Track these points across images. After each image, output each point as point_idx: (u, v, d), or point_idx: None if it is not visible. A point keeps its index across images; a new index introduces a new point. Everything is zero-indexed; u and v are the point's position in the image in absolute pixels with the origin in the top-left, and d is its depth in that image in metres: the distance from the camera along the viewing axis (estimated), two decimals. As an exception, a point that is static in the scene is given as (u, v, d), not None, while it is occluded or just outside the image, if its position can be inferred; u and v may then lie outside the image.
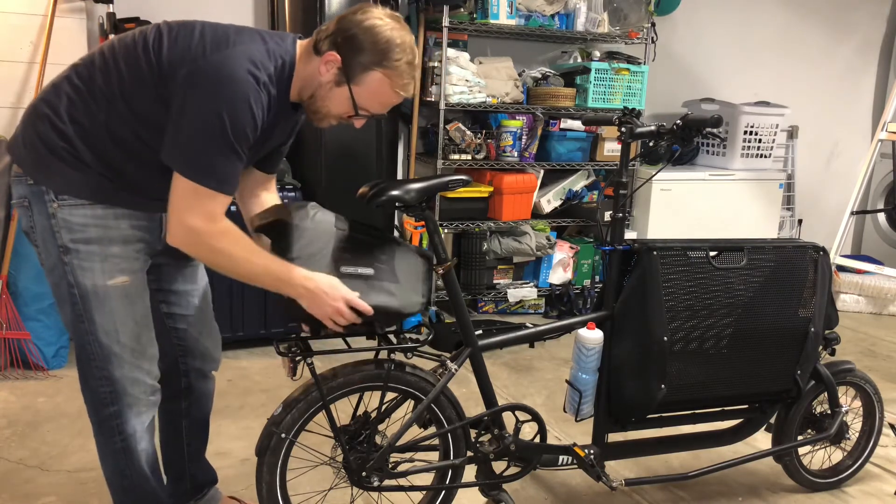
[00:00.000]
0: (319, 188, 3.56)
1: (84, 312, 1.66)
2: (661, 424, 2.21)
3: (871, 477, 2.61)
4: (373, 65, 1.62)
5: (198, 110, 1.52)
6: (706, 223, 4.56)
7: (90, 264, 1.64)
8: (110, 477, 1.82)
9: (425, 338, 1.86)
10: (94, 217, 1.63)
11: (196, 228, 1.56)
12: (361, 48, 1.61)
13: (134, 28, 3.45)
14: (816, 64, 5.46)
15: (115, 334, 1.68)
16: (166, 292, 1.88)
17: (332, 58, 1.62)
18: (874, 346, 4.15)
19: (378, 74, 1.63)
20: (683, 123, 2.00)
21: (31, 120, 1.63)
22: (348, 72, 1.63)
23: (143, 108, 1.59)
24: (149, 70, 1.58)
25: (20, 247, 3.17)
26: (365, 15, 1.63)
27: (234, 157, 1.56)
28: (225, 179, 1.57)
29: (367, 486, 1.88)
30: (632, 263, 2.09)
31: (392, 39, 1.63)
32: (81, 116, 1.60)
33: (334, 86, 1.65)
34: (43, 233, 1.64)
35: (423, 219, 1.87)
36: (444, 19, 3.78)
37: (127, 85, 1.59)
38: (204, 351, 1.97)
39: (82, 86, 1.61)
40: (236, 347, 3.51)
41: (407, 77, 1.67)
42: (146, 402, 1.76)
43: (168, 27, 1.63)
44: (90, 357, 1.69)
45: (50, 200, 1.61)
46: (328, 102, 1.68)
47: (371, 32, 1.61)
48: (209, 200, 1.56)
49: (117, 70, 1.60)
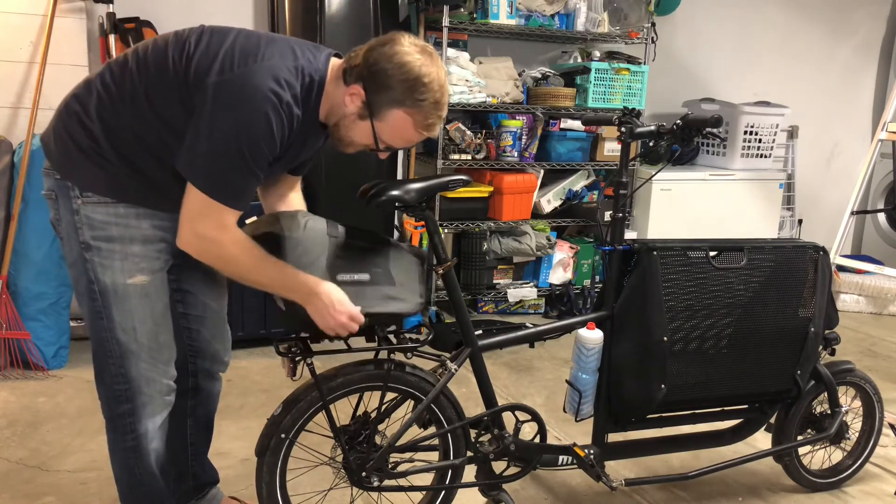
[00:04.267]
0: (320, 188, 3.56)
1: (103, 309, 1.67)
2: (661, 424, 2.21)
3: (871, 477, 2.61)
4: (396, 103, 1.60)
5: (217, 125, 1.52)
6: (706, 223, 4.56)
7: (110, 262, 1.64)
8: (119, 474, 1.82)
9: (425, 338, 1.86)
10: (116, 215, 1.64)
11: (207, 237, 1.57)
12: (387, 84, 1.58)
13: (134, 27, 3.47)
14: (816, 64, 5.46)
15: (133, 332, 1.69)
16: (184, 293, 1.88)
17: (356, 91, 1.61)
18: (874, 346, 4.15)
19: (401, 113, 1.61)
20: (683, 123, 2.00)
21: (63, 116, 1.64)
22: (372, 107, 1.61)
23: (167, 112, 1.59)
24: (175, 75, 1.57)
25: (20, 247, 3.17)
26: (394, 48, 1.58)
27: (249, 175, 1.56)
28: (239, 196, 1.57)
29: (367, 487, 1.88)
30: (632, 263, 2.09)
31: (420, 77, 1.58)
32: (109, 115, 1.60)
33: (357, 118, 1.64)
34: (67, 227, 1.65)
35: (423, 219, 1.87)
36: (444, 19, 3.77)
37: (154, 87, 1.59)
38: (214, 353, 1.98)
39: (112, 85, 1.61)
40: (236, 347, 3.46)
41: (432, 117, 1.64)
42: (160, 401, 1.77)
43: (202, 33, 1.63)
44: (107, 354, 1.70)
45: (75, 196, 1.62)
46: (351, 133, 1.67)
47: (399, 68, 1.57)
48: (221, 213, 1.56)
49: (147, 71, 1.60)
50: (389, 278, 1.77)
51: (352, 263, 1.73)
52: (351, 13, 3.53)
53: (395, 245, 1.82)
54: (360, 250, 1.76)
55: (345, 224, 1.78)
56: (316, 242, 1.70)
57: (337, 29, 3.49)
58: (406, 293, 1.79)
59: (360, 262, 1.75)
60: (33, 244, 3.18)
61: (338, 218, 1.78)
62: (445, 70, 1.67)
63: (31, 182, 3.17)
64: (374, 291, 1.75)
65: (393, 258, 1.79)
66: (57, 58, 3.31)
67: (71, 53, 3.37)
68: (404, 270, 1.80)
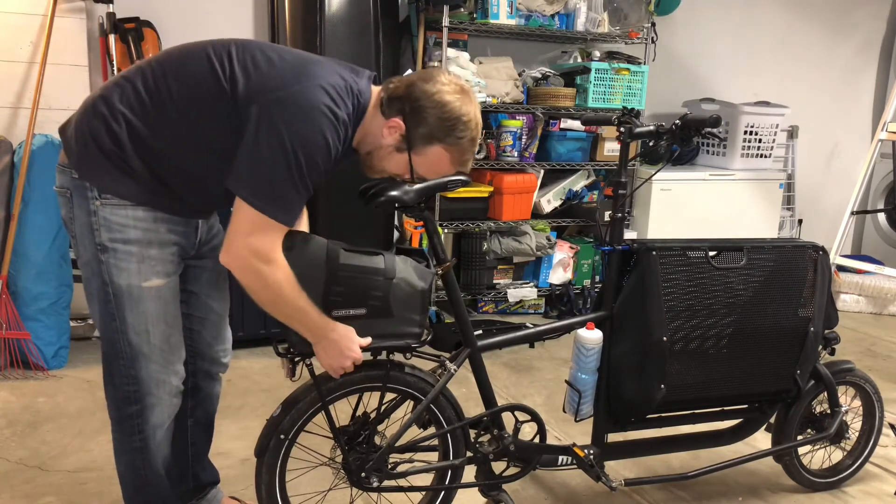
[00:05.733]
0: (319, 188, 3.55)
1: (116, 311, 1.66)
2: (661, 424, 2.21)
3: (871, 477, 2.61)
4: (436, 139, 1.64)
5: (274, 142, 1.52)
6: (706, 223, 4.56)
7: (127, 265, 1.64)
8: (124, 474, 1.82)
9: (425, 338, 1.86)
10: (135, 219, 1.63)
11: (260, 253, 1.56)
12: (427, 121, 1.63)
13: (134, 27, 3.46)
14: (816, 64, 5.46)
15: (147, 335, 1.69)
16: (188, 293, 1.88)
17: (396, 124, 1.64)
18: (874, 346, 4.15)
19: (440, 149, 1.66)
20: (683, 123, 2.00)
21: (87, 116, 1.62)
22: (411, 140, 1.64)
23: (209, 130, 1.59)
24: (220, 94, 1.57)
25: (20, 247, 3.17)
26: (435, 87, 1.63)
27: (303, 191, 1.57)
28: (292, 211, 1.58)
29: (367, 487, 1.88)
30: (631, 263, 2.09)
31: (460, 117, 1.63)
32: (139, 123, 1.59)
33: (394, 150, 1.67)
34: (82, 227, 1.64)
35: (422, 219, 1.87)
36: (444, 19, 3.77)
37: (194, 106, 1.59)
38: (214, 355, 1.98)
39: (145, 94, 1.60)
40: (236, 347, 3.46)
41: (468, 154, 1.69)
42: (169, 402, 1.78)
43: (243, 50, 1.61)
44: (118, 355, 1.70)
45: (93, 197, 1.61)
46: (385, 163, 1.70)
47: (440, 107, 1.62)
48: (273, 229, 1.56)
49: (185, 88, 1.59)
50: (387, 310, 1.75)
51: (348, 298, 1.71)
52: (351, 13, 3.53)
53: (401, 268, 1.77)
54: (357, 283, 1.71)
55: (349, 239, 1.75)
56: (312, 278, 1.66)
57: (337, 29, 3.49)
58: (402, 326, 1.78)
59: (356, 295, 1.72)
60: (33, 244, 3.18)
61: (337, 219, 1.77)
62: (478, 106, 1.71)
63: (31, 182, 3.17)
64: (368, 325, 1.74)
65: (394, 287, 1.74)
66: (57, 58, 3.32)
67: (71, 53, 3.37)
68: (404, 301, 1.76)
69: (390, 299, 1.74)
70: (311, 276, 1.66)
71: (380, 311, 1.74)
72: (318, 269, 1.67)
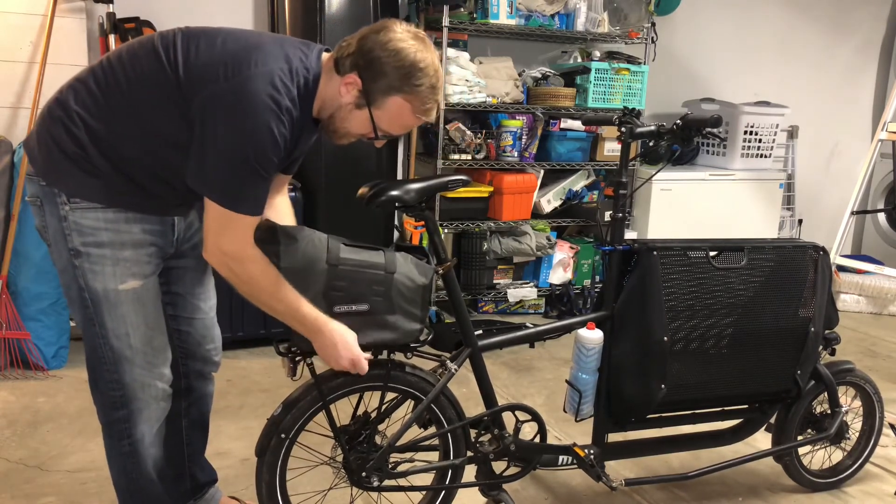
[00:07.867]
0: (319, 188, 3.56)
1: (95, 316, 1.65)
2: (661, 424, 2.21)
3: (871, 477, 2.61)
4: (394, 89, 1.59)
5: (220, 138, 1.51)
6: (706, 223, 4.56)
7: (101, 268, 1.63)
8: (117, 479, 1.82)
9: (425, 338, 1.85)
10: (106, 220, 1.62)
11: (228, 252, 1.57)
12: (383, 72, 1.57)
13: (134, 27, 3.47)
14: (816, 64, 5.46)
15: (127, 338, 1.67)
16: (173, 295, 1.87)
17: (352, 80, 1.59)
18: (874, 346, 4.15)
19: (399, 99, 1.60)
20: (683, 123, 2.00)
21: (46, 121, 1.61)
22: (369, 95, 1.60)
23: (160, 122, 1.57)
24: (166, 85, 1.55)
25: (20, 247, 3.17)
26: (388, 35, 1.58)
27: (260, 181, 1.56)
28: (255, 202, 1.57)
29: (367, 487, 1.88)
30: (632, 263, 2.09)
31: (416, 63, 1.58)
32: (95, 122, 1.58)
33: (354, 108, 1.63)
34: (54, 234, 1.63)
35: (422, 219, 1.87)
36: (444, 19, 3.77)
37: (143, 98, 1.57)
38: (205, 355, 1.97)
39: (97, 91, 1.59)
40: (236, 347, 3.51)
41: (429, 102, 1.63)
42: (156, 406, 1.76)
43: (187, 37, 1.59)
44: (101, 360, 1.69)
45: (62, 203, 1.60)
46: (347, 123, 1.66)
47: (394, 55, 1.57)
48: (241, 222, 1.56)
49: (135, 80, 1.57)
50: (390, 306, 1.74)
51: (350, 293, 1.71)
52: (351, 13, 3.53)
53: (402, 263, 1.77)
54: (359, 277, 1.71)
55: (350, 238, 1.74)
56: (313, 272, 1.66)
57: (337, 29, 3.49)
58: (405, 321, 1.77)
59: (359, 291, 1.71)
60: (33, 244, 3.17)
61: (338, 218, 1.77)
62: (438, 54, 1.67)
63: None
64: (372, 321, 1.74)
65: (396, 283, 1.74)
66: (57, 58, 3.31)
67: (71, 53, 3.37)
68: (406, 296, 1.76)
69: (392, 294, 1.74)
70: (312, 271, 1.66)
71: (382, 307, 1.74)
72: (319, 264, 1.67)
